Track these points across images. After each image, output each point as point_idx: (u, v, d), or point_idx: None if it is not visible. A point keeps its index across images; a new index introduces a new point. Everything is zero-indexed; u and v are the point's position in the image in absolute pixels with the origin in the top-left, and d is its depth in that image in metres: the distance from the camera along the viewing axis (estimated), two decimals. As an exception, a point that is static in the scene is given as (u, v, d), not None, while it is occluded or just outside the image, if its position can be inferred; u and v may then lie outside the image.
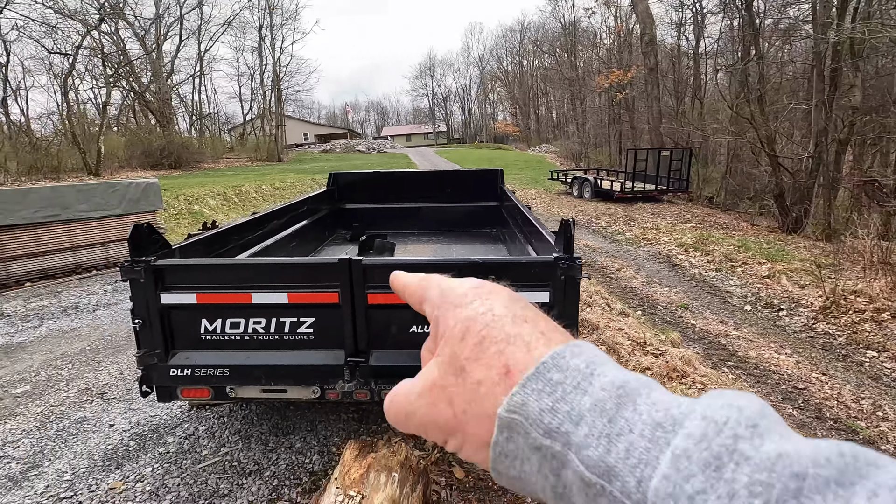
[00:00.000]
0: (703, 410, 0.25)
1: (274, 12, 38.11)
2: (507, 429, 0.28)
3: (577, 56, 41.31)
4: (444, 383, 0.32)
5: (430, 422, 0.32)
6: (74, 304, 6.62)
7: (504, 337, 0.31)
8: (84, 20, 23.58)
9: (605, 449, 0.25)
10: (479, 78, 76.01)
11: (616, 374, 0.28)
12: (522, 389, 0.28)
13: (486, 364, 0.30)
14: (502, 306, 0.33)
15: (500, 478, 0.30)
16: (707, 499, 0.21)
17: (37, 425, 3.59)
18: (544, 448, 0.27)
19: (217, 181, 18.29)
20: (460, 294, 0.34)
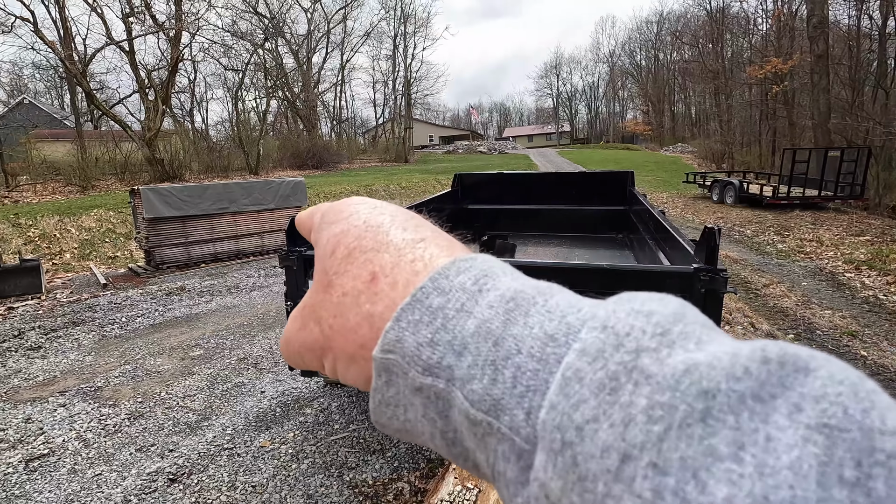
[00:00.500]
0: (604, 318, 0.21)
1: (408, 21, 40.39)
2: (385, 371, 0.25)
3: (723, 46, 37.23)
4: (312, 302, 0.30)
5: (302, 345, 0.30)
6: (236, 285, 7.72)
7: (374, 245, 0.28)
8: (252, 40, 27.35)
9: (491, 379, 0.21)
10: (608, 75, 72.41)
11: (509, 286, 0.24)
12: (397, 323, 0.24)
13: (352, 275, 0.28)
14: (379, 216, 0.30)
15: (385, 429, 0.27)
16: (598, 428, 0.18)
17: (207, 384, 4.27)
18: (426, 388, 0.23)
19: (351, 180, 19.96)
20: (337, 209, 0.32)
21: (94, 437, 3.49)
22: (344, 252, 0.28)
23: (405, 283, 0.26)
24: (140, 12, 20.39)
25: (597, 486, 0.17)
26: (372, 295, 0.26)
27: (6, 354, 5.12)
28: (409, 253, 0.27)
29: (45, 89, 38.10)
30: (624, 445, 0.17)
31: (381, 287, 0.26)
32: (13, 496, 2.89)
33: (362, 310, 0.26)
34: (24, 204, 13.73)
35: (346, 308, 0.27)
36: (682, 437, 0.16)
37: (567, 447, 0.18)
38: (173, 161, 19.63)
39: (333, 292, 0.28)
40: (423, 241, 0.28)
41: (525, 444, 0.20)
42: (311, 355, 0.30)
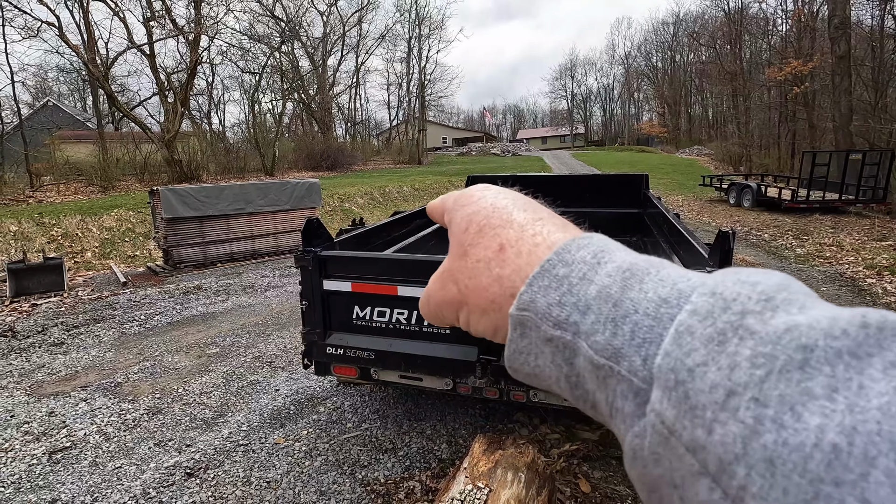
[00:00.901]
0: (713, 285, 0.24)
1: (422, 24, 40.54)
2: (520, 325, 0.29)
3: (742, 47, 36.71)
4: (450, 267, 0.35)
5: (442, 301, 0.36)
6: (251, 284, 7.83)
7: (501, 223, 0.33)
8: (269, 43, 27.70)
9: (612, 332, 0.25)
10: (623, 76, 71.84)
11: (624, 258, 0.28)
12: (529, 288, 0.29)
13: (484, 245, 0.33)
14: (503, 200, 0.35)
15: (517, 374, 0.31)
16: (707, 370, 0.21)
17: (223, 381, 4.35)
18: (555, 339, 0.27)
19: (365, 182, 20.09)
20: (468, 195, 0.37)
21: (114, 431, 3.58)
22: (476, 228, 0.34)
23: (528, 252, 0.31)
24: (161, 16, 20.81)
25: (706, 413, 0.20)
26: (501, 261, 0.31)
27: (30, 350, 5.26)
28: (529, 228, 0.32)
29: (68, 92, 39.06)
30: (730, 384, 0.20)
31: (508, 255, 0.31)
32: (37, 487, 2.98)
33: (493, 273, 0.32)
34: (48, 203, 14.08)
35: (480, 272, 0.32)
36: (782, 380, 0.19)
37: (680, 384, 0.21)
38: (191, 162, 19.97)
39: (468, 259, 0.33)
40: (540, 220, 0.33)
41: (642, 384, 0.23)
42: (448, 308, 0.35)
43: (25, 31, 18.64)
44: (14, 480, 3.04)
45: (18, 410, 3.92)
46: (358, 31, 39.54)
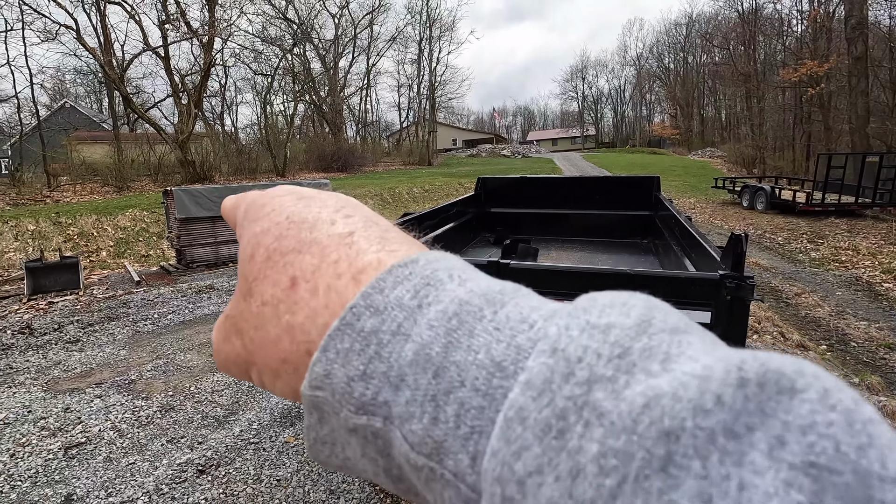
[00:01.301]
0: (555, 338, 0.18)
1: (433, 26, 40.65)
2: (315, 409, 0.22)
3: (756, 48, 36.31)
4: (232, 313, 0.26)
5: (227, 359, 0.27)
6: (263, 284, 7.90)
7: (296, 245, 0.24)
8: (281, 45, 27.96)
9: (432, 417, 0.18)
10: (635, 78, 71.40)
11: (453, 296, 0.21)
12: (324, 354, 0.21)
13: (272, 281, 0.24)
14: (304, 210, 0.26)
15: (326, 466, 0.24)
16: (543, 482, 0.15)
17: (234, 380, 4.39)
18: (361, 428, 0.20)
19: (375, 183, 20.18)
20: (259, 205, 0.28)
21: (127, 428, 3.63)
22: (263, 255, 0.25)
23: (326, 289, 0.23)
24: (175, 19, 21.11)
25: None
26: (292, 304, 0.23)
27: (47, 347, 5.36)
28: (333, 252, 0.24)
29: (85, 93, 39.74)
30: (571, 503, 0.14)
31: (301, 294, 0.23)
32: (53, 481, 3.04)
33: (282, 321, 0.23)
34: (65, 203, 14.34)
35: (266, 319, 0.24)
36: (639, 493, 0.13)
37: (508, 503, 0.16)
38: (204, 163, 20.20)
39: (253, 301, 0.25)
40: (350, 236, 0.24)
41: (471, 493, 0.17)
42: (236, 369, 0.27)
43: (44, 34, 19.03)
44: (31, 475, 3.10)
45: (35, 406, 4.00)
46: (369, 33, 39.77)
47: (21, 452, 3.35)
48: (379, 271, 0.23)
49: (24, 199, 14.52)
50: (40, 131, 18.28)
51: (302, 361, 0.23)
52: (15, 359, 5.05)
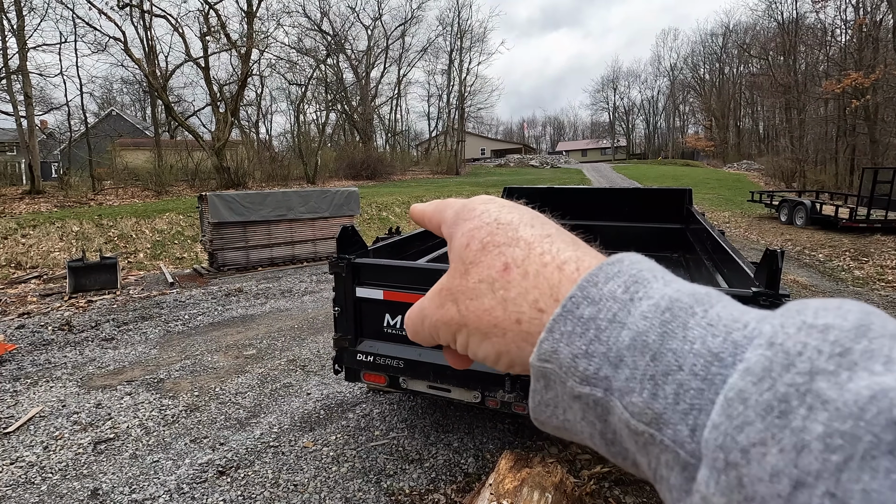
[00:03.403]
0: (771, 334, 0.20)
1: (464, 37, 41.02)
2: (542, 378, 0.26)
3: (796, 58, 35.19)
4: (450, 286, 0.32)
5: (438, 321, 0.33)
6: (289, 289, 8.04)
7: (506, 241, 0.31)
8: (315, 56, 28.67)
9: (651, 393, 0.21)
10: (668, 88, 70.14)
11: (663, 293, 0.24)
12: (550, 335, 0.25)
13: (486, 265, 0.30)
14: (508, 215, 0.33)
15: (544, 427, 0.28)
16: (767, 452, 0.17)
17: (258, 382, 4.46)
18: (584, 396, 0.24)
19: (403, 191, 20.35)
20: (469, 209, 0.35)
21: (154, 426, 3.72)
22: (478, 245, 0.31)
23: (535, 273, 0.28)
24: (216, 31, 21.94)
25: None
26: (505, 283, 0.29)
27: (84, 344, 5.57)
28: (537, 246, 0.30)
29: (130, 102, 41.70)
30: (797, 472, 0.16)
31: (514, 276, 0.29)
32: (82, 475, 3.13)
33: (497, 295, 0.29)
34: (107, 206, 14.99)
35: (482, 293, 0.30)
36: (866, 469, 0.15)
37: (731, 468, 0.18)
38: (238, 169, 20.82)
39: (470, 279, 0.31)
40: (549, 237, 0.30)
41: (690, 458, 0.20)
42: (446, 330, 0.33)
43: (95, 45, 20.08)
44: (61, 468, 3.21)
45: (70, 401, 4.15)
46: (401, 44, 40.42)
47: (54, 445, 3.47)
48: (579, 265, 0.28)
49: (71, 202, 15.25)
50: (88, 137, 19.23)
51: (510, 328, 0.28)
52: (54, 354, 5.26)
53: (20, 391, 4.35)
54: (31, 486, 3.03)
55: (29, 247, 10.57)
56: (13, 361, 5.04)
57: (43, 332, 5.98)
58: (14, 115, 17.51)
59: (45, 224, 11.43)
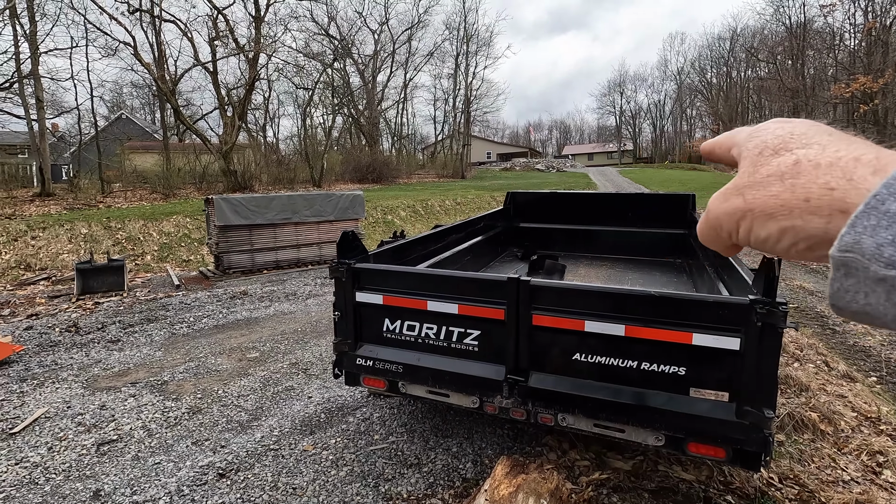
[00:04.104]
0: None
1: (470, 41, 41.13)
2: (843, 266, 0.28)
3: (804, 62, 34.98)
4: (736, 184, 0.36)
5: (723, 213, 0.37)
6: (294, 292, 8.08)
7: (799, 145, 0.33)
8: (322, 60, 28.86)
9: None
10: (675, 93, 69.87)
11: None
12: (852, 229, 0.28)
13: (777, 163, 0.34)
14: (803, 127, 0.35)
15: (842, 312, 0.30)
16: None
17: (260, 385, 4.49)
18: (889, 279, 0.26)
19: (408, 195, 20.40)
20: (763, 127, 0.38)
21: (156, 428, 3.76)
22: (771, 151, 0.35)
23: (828, 164, 0.31)
24: (224, 36, 22.16)
25: None
26: (795, 173, 0.32)
27: (90, 345, 5.64)
28: (831, 146, 0.32)
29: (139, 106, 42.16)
30: None
31: (804, 167, 0.32)
32: (84, 476, 3.17)
33: (785, 183, 0.32)
34: (115, 208, 15.14)
35: (770, 183, 0.33)
36: None
37: None
38: (245, 172, 20.97)
39: (758, 175, 0.34)
40: (847, 141, 0.33)
41: None
42: (729, 219, 0.36)
43: (105, 50, 20.38)
44: (65, 469, 3.25)
45: (74, 402, 4.20)
46: (407, 48, 40.57)
47: (58, 446, 3.51)
48: (879, 155, 0.30)
49: (80, 204, 15.42)
50: (97, 141, 19.44)
51: (798, 206, 0.31)
52: (60, 355, 5.32)
53: (26, 392, 4.41)
54: (34, 486, 3.07)
55: (38, 248, 10.71)
56: (20, 362, 5.11)
57: (50, 333, 6.06)
58: (26, 118, 17.76)
59: (55, 226, 11.58)
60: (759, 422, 2.17)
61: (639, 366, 2.41)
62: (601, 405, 2.46)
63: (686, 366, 2.33)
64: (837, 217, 0.30)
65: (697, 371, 2.31)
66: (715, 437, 2.28)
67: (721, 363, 2.26)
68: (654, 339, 2.35)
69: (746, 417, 2.19)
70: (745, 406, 2.20)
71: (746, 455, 2.26)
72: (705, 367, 2.30)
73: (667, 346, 2.34)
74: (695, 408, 2.30)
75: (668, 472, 3.08)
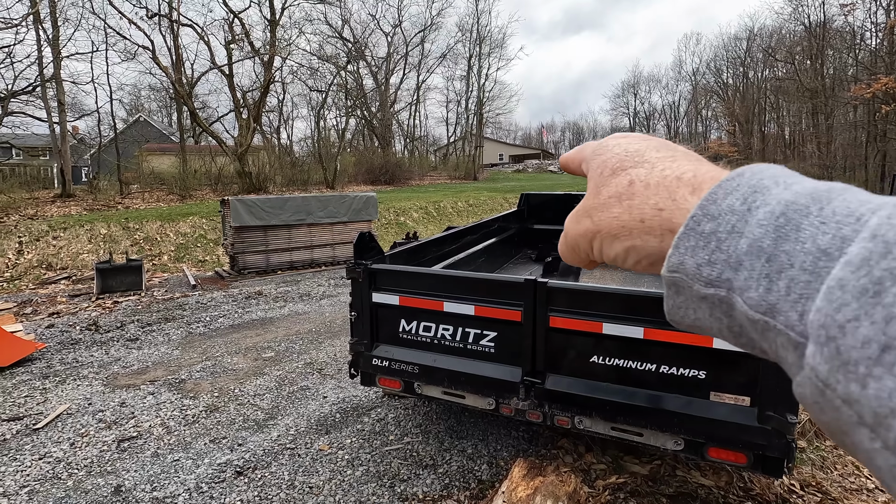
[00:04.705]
0: (875, 226, 0.22)
1: (483, 43, 41.13)
2: (673, 285, 0.30)
3: (824, 62, 34.36)
4: (585, 206, 0.38)
5: (577, 234, 0.39)
6: (308, 293, 8.14)
7: (632, 164, 0.36)
8: (336, 62, 29.08)
9: (766, 289, 0.25)
10: (690, 94, 69.10)
11: (779, 198, 0.27)
12: (676, 250, 0.29)
13: (615, 184, 0.36)
14: (637, 145, 0.38)
15: (679, 325, 0.32)
16: (859, 325, 0.20)
17: (276, 385, 4.53)
18: (709, 297, 0.28)
19: (420, 196, 20.44)
20: (604, 145, 0.40)
21: (175, 425, 3.81)
22: (609, 171, 0.37)
23: (656, 184, 0.33)
24: (240, 39, 22.45)
25: (858, 369, 0.20)
26: (630, 194, 0.34)
27: (110, 343, 5.74)
28: (659, 165, 0.34)
29: (157, 108, 42.82)
30: (884, 338, 0.19)
31: (637, 188, 0.34)
32: (105, 472, 3.22)
33: (623, 204, 0.35)
34: (134, 210, 15.41)
35: (611, 205, 0.36)
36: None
37: (831, 340, 0.21)
38: (260, 174, 21.19)
39: (601, 196, 0.37)
40: (672, 158, 0.35)
41: (800, 338, 0.23)
42: (583, 240, 0.38)
43: (124, 54, 20.74)
44: (86, 464, 3.31)
45: (95, 399, 4.27)
46: (420, 50, 40.69)
47: (80, 442, 3.58)
48: (696, 173, 0.33)
49: (99, 205, 15.72)
50: (116, 143, 19.80)
51: (635, 227, 0.34)
52: (81, 353, 5.43)
53: (49, 389, 4.50)
54: (57, 481, 3.14)
55: (59, 248, 10.94)
56: (43, 359, 5.22)
57: (71, 331, 6.18)
58: (48, 121, 18.17)
59: (75, 227, 11.81)
60: (782, 427, 2.13)
61: (657, 369, 2.39)
62: (619, 408, 2.44)
63: (706, 369, 2.30)
64: (668, 237, 0.32)
65: (718, 375, 2.28)
66: (736, 442, 2.25)
67: (742, 367, 2.23)
68: (674, 341, 2.32)
69: (769, 422, 2.16)
70: (767, 411, 2.17)
71: (768, 461, 2.23)
72: (726, 371, 2.27)
73: (686, 349, 2.31)
74: (715, 412, 2.27)
75: (687, 477, 3.05)
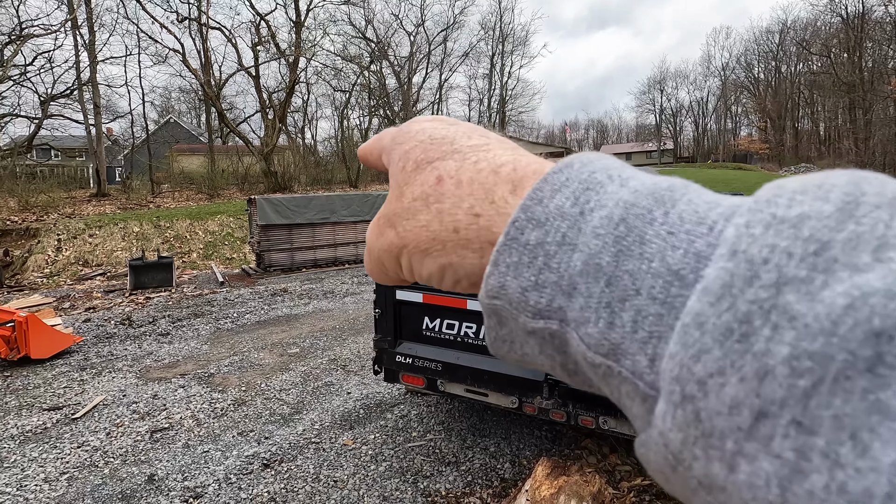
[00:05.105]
0: (733, 240, 0.17)
1: (506, 41, 40.94)
2: (494, 314, 0.24)
3: (862, 55, 33.05)
4: (386, 212, 0.30)
5: (381, 250, 0.30)
6: (331, 290, 8.26)
7: (440, 155, 0.28)
8: (360, 63, 29.38)
9: (607, 323, 0.19)
10: (719, 89, 67.36)
11: (617, 199, 0.21)
12: (496, 268, 0.22)
13: (420, 181, 0.28)
14: (443, 130, 0.30)
15: (505, 360, 0.26)
16: (726, 382, 0.15)
17: (301, 380, 4.61)
18: (538, 331, 0.22)
19: (443, 195, 20.51)
20: (405, 131, 0.32)
21: (204, 418, 3.92)
22: (413, 165, 0.29)
23: (469, 181, 0.26)
24: (266, 41, 22.89)
25: (724, 444, 0.15)
26: (439, 195, 0.27)
27: (142, 338, 5.93)
28: (472, 156, 0.27)
29: (186, 110, 44.02)
30: (758, 402, 0.14)
31: (447, 187, 0.27)
32: (139, 461, 3.34)
33: (431, 209, 0.27)
34: (164, 208, 15.88)
35: (417, 210, 0.28)
36: (838, 392, 0.13)
37: (688, 401, 0.16)
38: (285, 173, 21.58)
39: (405, 199, 0.29)
40: (486, 146, 0.28)
41: (649, 391, 0.18)
42: (388, 257, 0.30)
43: (156, 57, 21.41)
44: (122, 453, 3.43)
45: (129, 391, 4.43)
46: (443, 49, 40.75)
47: (115, 432, 3.72)
48: (516, 166, 0.26)
49: (132, 204, 16.26)
50: (148, 144, 20.46)
51: (449, 238, 0.26)
52: (116, 347, 5.63)
53: (86, 380, 4.69)
54: (95, 468, 3.26)
55: (95, 246, 11.36)
56: (80, 352, 5.43)
57: (106, 325, 6.41)
58: (84, 123, 18.88)
59: (110, 225, 12.25)
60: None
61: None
62: (645, 409, 2.40)
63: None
64: (489, 251, 0.24)
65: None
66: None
67: None
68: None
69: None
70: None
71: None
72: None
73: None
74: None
75: (715, 480, 2.98)
